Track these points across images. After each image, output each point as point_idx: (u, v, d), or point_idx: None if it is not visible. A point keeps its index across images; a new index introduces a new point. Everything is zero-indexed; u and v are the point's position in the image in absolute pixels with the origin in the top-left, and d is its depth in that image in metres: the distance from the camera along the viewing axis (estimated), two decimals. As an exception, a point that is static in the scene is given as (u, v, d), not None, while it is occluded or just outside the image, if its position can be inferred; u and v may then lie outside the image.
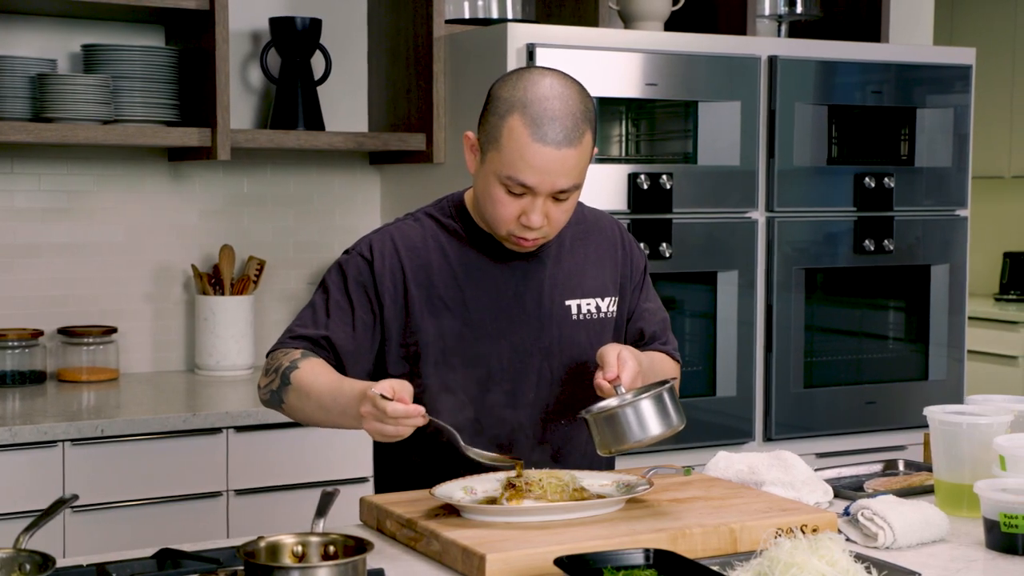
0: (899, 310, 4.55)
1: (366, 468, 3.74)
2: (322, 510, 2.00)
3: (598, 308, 2.62)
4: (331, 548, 1.93)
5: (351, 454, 3.73)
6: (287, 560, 1.91)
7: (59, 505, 1.97)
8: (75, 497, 2.02)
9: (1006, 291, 7.67)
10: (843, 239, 4.29)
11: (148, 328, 4.25)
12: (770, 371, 4.18)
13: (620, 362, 2.38)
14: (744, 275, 4.13)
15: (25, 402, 3.74)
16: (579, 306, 2.60)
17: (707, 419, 4.10)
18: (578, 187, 2.45)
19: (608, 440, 2.33)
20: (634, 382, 2.38)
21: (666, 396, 2.34)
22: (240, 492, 3.64)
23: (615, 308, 2.65)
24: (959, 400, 4.47)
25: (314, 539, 1.93)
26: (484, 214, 2.50)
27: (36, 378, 4.01)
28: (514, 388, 2.51)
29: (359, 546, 1.90)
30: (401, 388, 2.23)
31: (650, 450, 3.88)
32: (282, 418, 3.61)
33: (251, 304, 4.23)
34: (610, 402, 2.34)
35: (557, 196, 2.42)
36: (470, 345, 2.51)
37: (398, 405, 2.20)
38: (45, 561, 1.81)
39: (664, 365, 2.65)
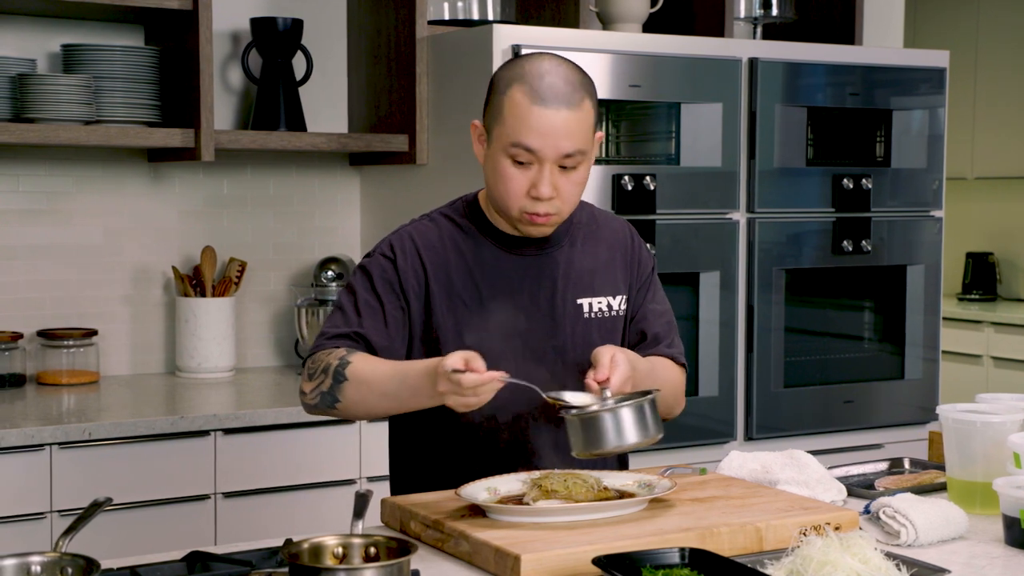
0: (876, 310, 4.59)
1: (354, 470, 3.75)
2: (359, 512, 1.99)
3: (609, 307, 2.63)
4: (372, 549, 1.92)
5: (340, 456, 3.72)
6: (329, 562, 1.90)
7: (95, 508, 1.96)
8: (109, 500, 2.00)
9: (968, 291, 7.77)
10: (822, 240, 4.32)
11: (128, 330, 4.22)
12: (751, 371, 4.21)
13: (613, 364, 2.38)
14: (725, 276, 4.15)
15: (5, 405, 3.70)
16: (590, 304, 2.61)
17: (689, 419, 4.09)
18: (583, 154, 2.45)
19: (584, 443, 2.33)
20: (623, 386, 2.38)
21: (647, 407, 2.33)
22: (228, 495, 3.61)
23: (625, 307, 2.66)
24: (934, 399, 4.53)
25: (356, 540, 1.93)
26: (496, 197, 2.50)
27: (16, 381, 3.96)
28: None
29: (402, 548, 1.89)
30: (472, 357, 2.27)
31: (651, 450, 3.90)
32: (270, 420, 3.64)
33: (232, 306, 4.20)
34: (592, 406, 2.34)
35: (564, 164, 2.44)
36: (487, 342, 2.51)
37: (472, 376, 2.23)
38: (89, 565, 1.79)
39: (667, 372, 2.64)
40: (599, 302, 2.62)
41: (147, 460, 3.51)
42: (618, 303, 2.64)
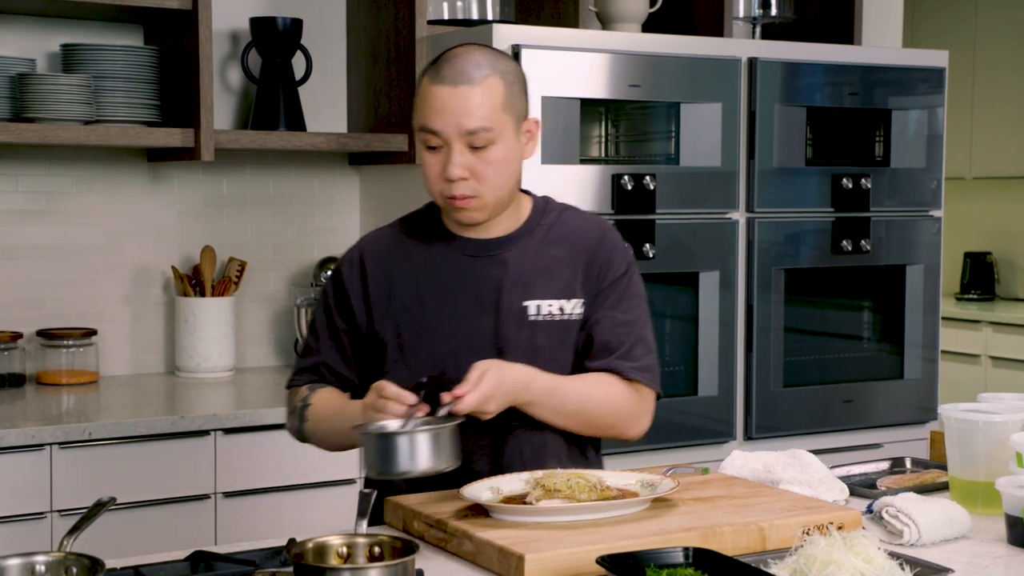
0: (875, 310, 4.59)
1: (354, 470, 3.74)
2: (363, 511, 1.99)
3: (561, 310, 2.53)
4: (376, 549, 1.93)
5: (340, 456, 3.67)
6: (333, 561, 1.90)
7: (99, 508, 1.96)
8: (113, 499, 2.00)
9: (967, 291, 7.78)
10: (821, 239, 4.33)
11: (127, 330, 4.21)
12: (750, 371, 4.21)
13: (477, 381, 2.32)
14: (725, 276, 4.15)
15: (5, 405, 3.70)
16: (539, 307, 2.52)
17: (689, 419, 4.12)
18: (490, 131, 2.41)
19: (377, 463, 2.26)
20: (482, 404, 2.32)
21: (445, 436, 2.26)
22: (228, 495, 3.61)
23: (581, 311, 2.55)
24: (933, 399, 4.54)
25: (360, 540, 1.93)
26: (426, 189, 2.52)
27: (15, 381, 3.96)
28: None
29: (406, 547, 1.89)
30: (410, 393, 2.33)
31: (651, 449, 3.91)
32: (270, 420, 3.65)
33: (232, 305, 4.20)
34: (389, 425, 2.28)
35: (473, 144, 2.41)
36: (425, 346, 2.51)
37: (393, 388, 2.31)
38: (94, 565, 1.79)
39: (593, 389, 2.51)
40: (549, 304, 2.52)
41: (147, 460, 3.51)
42: (572, 307, 2.53)
